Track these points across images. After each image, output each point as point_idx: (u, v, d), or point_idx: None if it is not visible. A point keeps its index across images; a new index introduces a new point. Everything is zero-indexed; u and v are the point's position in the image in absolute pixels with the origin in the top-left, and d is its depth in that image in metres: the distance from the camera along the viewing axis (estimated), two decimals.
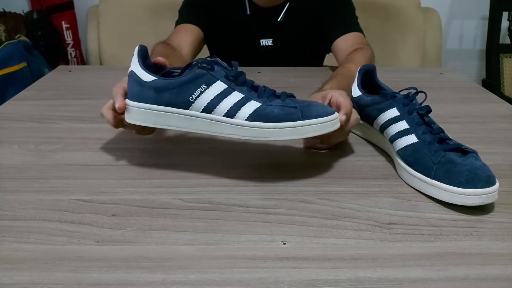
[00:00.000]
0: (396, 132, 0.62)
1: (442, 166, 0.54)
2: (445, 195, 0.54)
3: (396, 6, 1.78)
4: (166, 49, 0.92)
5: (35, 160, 0.64)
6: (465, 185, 0.52)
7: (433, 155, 0.56)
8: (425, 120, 0.60)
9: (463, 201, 0.53)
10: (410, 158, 0.58)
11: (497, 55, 1.95)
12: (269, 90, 0.58)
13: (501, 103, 0.91)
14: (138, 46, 0.60)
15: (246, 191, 0.56)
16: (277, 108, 0.55)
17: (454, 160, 0.55)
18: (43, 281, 0.41)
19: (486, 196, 0.52)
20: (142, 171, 0.61)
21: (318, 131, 0.56)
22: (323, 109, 0.57)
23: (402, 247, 0.47)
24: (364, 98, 0.68)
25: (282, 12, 1.10)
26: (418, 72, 1.16)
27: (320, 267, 0.44)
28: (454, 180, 0.53)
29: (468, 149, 0.56)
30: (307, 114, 0.55)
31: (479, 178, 0.52)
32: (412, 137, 0.59)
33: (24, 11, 1.83)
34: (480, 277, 0.43)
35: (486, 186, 0.52)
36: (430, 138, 0.58)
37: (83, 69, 1.22)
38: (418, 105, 0.62)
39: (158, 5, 1.75)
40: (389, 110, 0.63)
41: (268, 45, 1.13)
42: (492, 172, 0.54)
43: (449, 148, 0.56)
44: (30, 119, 0.78)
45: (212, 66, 0.56)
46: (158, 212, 0.52)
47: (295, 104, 0.56)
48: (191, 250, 0.46)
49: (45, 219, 0.50)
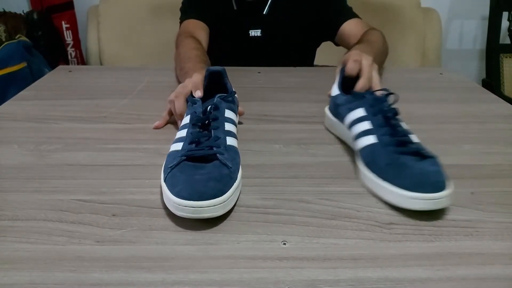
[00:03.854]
0: (359, 131, 0.61)
1: (393, 169, 0.53)
2: (393, 198, 0.53)
3: (396, 6, 1.78)
4: (200, 46, 1.00)
5: (35, 160, 0.64)
6: (412, 188, 0.51)
7: (387, 157, 0.55)
8: (391, 122, 0.59)
9: (410, 205, 0.51)
10: (367, 158, 0.58)
11: (497, 55, 1.95)
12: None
13: (501, 103, 0.91)
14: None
15: (246, 191, 0.56)
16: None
17: (406, 163, 0.53)
18: (43, 281, 0.41)
19: (432, 201, 0.50)
20: (142, 171, 0.61)
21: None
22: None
23: (402, 247, 0.47)
24: (339, 97, 0.69)
25: (266, 6, 1.15)
26: (418, 72, 1.16)
27: (320, 267, 0.44)
28: (402, 183, 0.52)
29: (427, 154, 0.54)
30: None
31: (427, 182, 0.51)
32: (373, 137, 0.58)
33: (24, 11, 1.83)
34: (480, 277, 0.43)
35: (434, 191, 0.50)
36: (388, 140, 0.57)
37: (83, 69, 1.22)
38: (387, 107, 0.61)
39: (158, 5, 1.75)
40: (356, 109, 0.63)
41: (257, 36, 1.17)
42: (444, 178, 0.52)
43: (406, 151, 0.55)
44: (30, 119, 0.78)
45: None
46: (158, 212, 0.52)
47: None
48: (191, 250, 0.46)
49: (45, 219, 0.50)
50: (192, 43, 0.99)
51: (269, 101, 0.79)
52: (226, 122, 0.60)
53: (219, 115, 0.60)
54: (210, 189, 0.49)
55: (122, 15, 1.76)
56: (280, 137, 0.72)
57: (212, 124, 0.58)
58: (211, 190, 0.49)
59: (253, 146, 0.69)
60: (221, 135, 0.57)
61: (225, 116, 0.61)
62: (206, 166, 0.52)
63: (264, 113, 0.81)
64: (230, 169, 0.53)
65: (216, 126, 0.58)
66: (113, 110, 0.83)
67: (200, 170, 0.51)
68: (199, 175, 0.50)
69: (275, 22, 1.15)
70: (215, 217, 0.51)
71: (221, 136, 0.57)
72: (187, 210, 0.48)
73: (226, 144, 0.56)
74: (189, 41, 1.01)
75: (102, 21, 1.76)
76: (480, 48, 2.14)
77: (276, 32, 1.16)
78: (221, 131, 0.58)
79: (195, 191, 0.48)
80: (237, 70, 1.00)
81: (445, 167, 0.63)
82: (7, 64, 1.58)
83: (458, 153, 0.68)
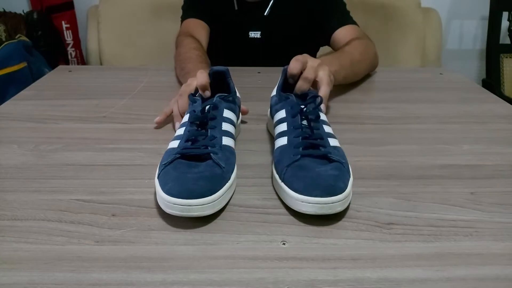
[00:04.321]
0: (277, 133, 0.61)
1: (291, 170, 0.53)
2: (287, 199, 0.52)
3: (396, 6, 1.78)
4: (200, 46, 1.00)
5: (35, 160, 0.64)
6: (301, 191, 0.50)
7: (289, 158, 0.54)
8: (310, 124, 0.58)
9: (298, 207, 0.50)
10: (275, 159, 0.58)
11: (497, 55, 1.94)
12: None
13: (501, 103, 0.91)
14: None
15: (245, 191, 0.56)
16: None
17: (304, 165, 0.53)
18: (43, 281, 0.41)
19: (320, 206, 0.49)
20: (142, 171, 0.61)
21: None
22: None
23: (402, 247, 0.47)
24: (272, 99, 0.69)
25: (268, 7, 1.14)
26: (418, 72, 1.16)
27: (319, 267, 0.44)
28: (294, 185, 0.51)
29: (334, 158, 0.53)
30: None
31: (317, 186, 0.50)
32: (285, 139, 0.58)
33: (24, 11, 1.83)
34: (480, 277, 0.43)
35: (322, 195, 0.49)
36: (297, 142, 0.56)
37: (83, 69, 1.22)
38: (310, 109, 0.60)
39: (158, 5, 1.75)
40: (280, 111, 0.63)
41: (256, 37, 1.17)
42: (343, 184, 0.50)
43: (312, 154, 0.54)
44: (30, 119, 0.78)
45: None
46: (158, 212, 0.52)
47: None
48: (190, 250, 0.46)
49: (45, 219, 0.50)
50: (192, 43, 1.00)
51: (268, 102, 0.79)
52: (224, 122, 0.60)
53: (218, 114, 0.60)
54: (200, 188, 0.49)
55: (122, 15, 1.76)
56: None
57: (209, 123, 0.58)
58: (200, 189, 0.49)
59: (253, 146, 0.69)
60: (218, 135, 0.57)
61: (223, 116, 0.61)
62: (199, 165, 0.52)
63: (264, 113, 0.81)
64: (223, 169, 0.53)
65: (214, 125, 0.58)
66: (113, 110, 0.83)
67: (193, 168, 0.51)
68: (190, 174, 0.50)
69: (275, 23, 1.15)
70: (214, 217, 0.51)
71: (217, 135, 0.57)
72: (176, 208, 0.48)
73: (221, 144, 0.56)
74: (189, 41, 1.01)
75: (102, 21, 1.76)
76: (480, 48, 2.14)
77: (275, 34, 1.16)
78: (218, 131, 0.58)
79: (185, 189, 0.48)
80: (237, 70, 1.00)
81: (445, 167, 0.64)
82: (7, 64, 1.58)
83: (458, 153, 0.68)
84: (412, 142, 0.72)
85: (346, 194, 0.50)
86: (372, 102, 0.90)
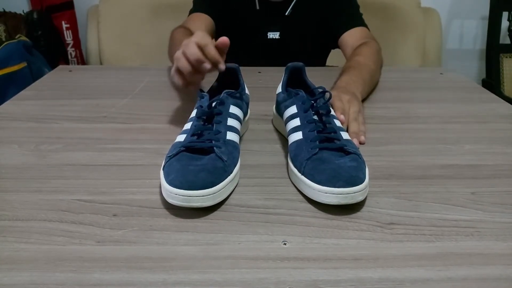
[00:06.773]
0: (290, 128, 0.62)
1: (311, 163, 0.54)
2: (309, 192, 0.54)
3: (396, 6, 1.78)
4: (188, 35, 0.95)
5: (36, 160, 0.63)
6: (325, 183, 0.52)
7: (307, 152, 0.56)
8: (323, 119, 0.60)
9: (321, 198, 0.52)
10: (292, 153, 0.59)
11: (497, 55, 1.95)
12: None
13: (501, 103, 0.91)
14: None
15: (247, 191, 0.56)
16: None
17: (324, 158, 0.54)
18: (43, 282, 0.41)
19: (343, 196, 0.51)
20: (143, 171, 0.61)
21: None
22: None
23: (403, 247, 0.47)
24: (280, 95, 0.69)
25: (290, 6, 1.14)
26: (419, 72, 1.16)
27: (321, 267, 0.44)
28: (316, 177, 0.53)
29: (350, 151, 0.55)
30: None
31: (340, 177, 0.51)
32: (299, 134, 0.59)
33: (24, 11, 1.83)
34: (481, 277, 0.43)
35: (345, 186, 0.51)
36: (313, 136, 0.58)
37: (83, 69, 1.22)
38: (320, 104, 0.61)
39: (158, 5, 1.75)
40: (290, 107, 0.64)
41: (275, 38, 1.17)
42: (363, 174, 0.53)
43: (329, 147, 0.56)
44: (30, 119, 0.78)
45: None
46: (159, 212, 0.52)
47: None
48: (192, 251, 0.46)
49: (46, 219, 0.50)
50: (183, 31, 0.99)
51: (269, 101, 0.79)
52: (229, 117, 0.61)
53: (224, 110, 0.61)
54: (201, 180, 0.51)
55: (122, 15, 1.76)
56: (281, 136, 0.72)
57: (215, 118, 0.60)
58: (201, 181, 0.51)
59: (253, 146, 0.69)
60: (222, 130, 0.59)
61: (229, 112, 0.62)
62: (203, 158, 0.54)
63: (264, 113, 0.81)
64: (225, 163, 0.54)
65: (219, 120, 0.60)
66: (113, 110, 0.83)
67: (196, 161, 0.53)
68: (193, 166, 0.52)
69: (295, 23, 1.15)
70: (216, 217, 0.51)
71: (222, 130, 0.59)
72: (177, 198, 0.50)
73: (225, 138, 0.58)
74: (180, 29, 1.01)
75: (102, 21, 1.76)
76: (480, 48, 2.14)
77: (294, 33, 1.16)
78: (223, 126, 0.59)
79: (186, 180, 0.50)
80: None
81: (446, 166, 0.64)
82: (7, 64, 1.58)
83: (458, 153, 0.68)
84: (413, 142, 0.72)
85: (366, 184, 0.53)
86: (373, 102, 0.90)
